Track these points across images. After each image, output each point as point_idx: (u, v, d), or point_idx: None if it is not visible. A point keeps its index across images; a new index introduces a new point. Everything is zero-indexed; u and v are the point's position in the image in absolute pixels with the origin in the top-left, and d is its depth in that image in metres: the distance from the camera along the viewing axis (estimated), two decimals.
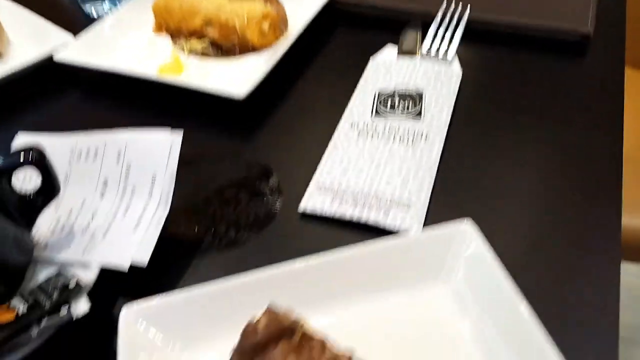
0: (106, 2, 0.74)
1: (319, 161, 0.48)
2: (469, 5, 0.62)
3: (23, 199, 0.38)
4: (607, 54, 0.59)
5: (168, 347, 0.33)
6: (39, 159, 0.37)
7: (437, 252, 0.36)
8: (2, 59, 0.65)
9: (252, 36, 0.61)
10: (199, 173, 0.48)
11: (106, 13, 0.74)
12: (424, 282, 0.36)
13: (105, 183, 0.43)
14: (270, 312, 0.30)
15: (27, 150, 0.36)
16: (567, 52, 0.59)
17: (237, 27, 0.61)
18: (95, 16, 0.74)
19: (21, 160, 0.36)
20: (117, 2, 0.74)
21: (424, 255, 0.36)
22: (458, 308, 0.35)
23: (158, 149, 0.42)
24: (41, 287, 0.36)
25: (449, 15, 0.61)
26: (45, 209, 0.39)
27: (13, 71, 0.59)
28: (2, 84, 0.59)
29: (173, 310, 0.34)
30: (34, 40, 0.66)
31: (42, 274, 0.39)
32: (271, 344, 0.28)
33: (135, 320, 0.33)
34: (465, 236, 0.36)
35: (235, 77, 0.59)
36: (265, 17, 0.61)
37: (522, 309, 0.32)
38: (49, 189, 0.38)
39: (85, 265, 0.38)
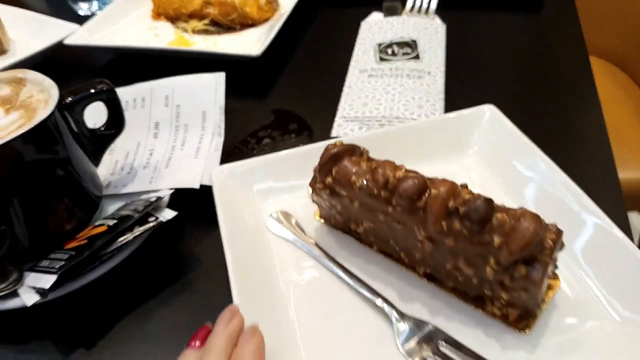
0: (95, 1, 0.78)
1: (337, 102, 0.54)
2: None
3: (93, 132, 0.41)
4: (561, 9, 0.69)
5: (251, 195, 0.42)
6: (108, 94, 0.40)
7: (466, 128, 0.44)
8: (6, 55, 0.67)
9: (252, 11, 0.67)
10: (234, 121, 0.53)
11: (96, 11, 0.77)
12: (457, 153, 0.43)
13: (156, 125, 0.47)
14: (343, 141, 0.37)
15: (97, 84, 0.40)
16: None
17: (237, 3, 0.66)
18: (87, 14, 0.77)
19: (92, 94, 0.39)
20: (106, 0, 0.78)
21: (456, 130, 0.44)
22: (489, 172, 0.42)
23: (205, 88, 0.46)
24: (124, 208, 0.40)
25: None
26: (112, 143, 0.42)
27: (24, 58, 0.62)
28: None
29: (253, 170, 0.43)
30: (38, 34, 0.68)
31: (110, 207, 0.42)
32: (345, 156, 0.35)
33: (225, 177, 0.42)
34: (487, 114, 0.44)
35: (244, 44, 0.64)
36: None
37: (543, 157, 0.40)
38: (117, 123, 0.42)
39: (155, 191, 0.42)
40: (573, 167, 0.40)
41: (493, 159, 0.43)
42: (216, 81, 0.46)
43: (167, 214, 0.38)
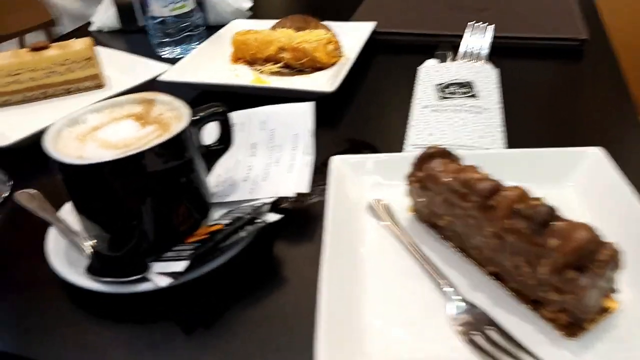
0: (179, 47, 0.88)
1: (402, 132, 0.60)
2: (493, 25, 0.79)
3: (207, 147, 0.48)
4: (601, 56, 0.76)
5: (357, 183, 0.49)
6: (224, 115, 0.47)
7: (567, 163, 0.48)
8: (103, 89, 0.76)
9: (321, 56, 0.75)
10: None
11: (178, 55, 0.87)
12: (554, 182, 0.47)
13: (253, 146, 0.54)
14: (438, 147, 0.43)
15: (216, 106, 0.47)
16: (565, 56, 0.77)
17: (308, 50, 0.75)
18: (173, 57, 0.87)
19: (213, 114, 0.46)
20: (190, 47, 0.87)
21: (556, 164, 0.48)
22: (581, 205, 0.46)
23: (296, 115, 0.53)
24: (232, 212, 0.46)
25: (476, 30, 0.77)
26: (221, 157, 0.49)
27: (121, 92, 0.70)
28: None
29: (363, 162, 0.51)
30: (131, 72, 0.77)
31: (216, 213, 0.48)
32: (438, 157, 0.41)
33: (340, 164, 0.50)
34: (590, 156, 0.48)
35: (315, 84, 0.72)
36: (329, 41, 0.76)
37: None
38: (227, 140, 0.48)
39: (254, 200, 0.48)
40: None
41: (589, 196, 0.46)
42: (306, 109, 0.53)
43: (272, 217, 0.44)
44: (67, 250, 0.45)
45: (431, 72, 0.71)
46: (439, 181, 0.40)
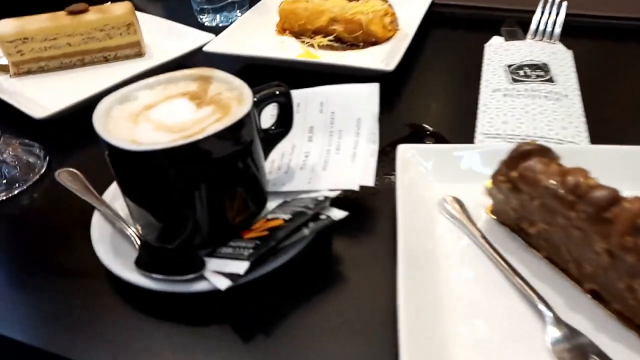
0: (219, 15, 0.82)
1: (471, 118, 0.55)
2: (565, 1, 0.71)
3: (266, 131, 0.43)
4: None
5: (428, 176, 0.45)
6: (286, 96, 0.42)
7: None
8: (143, 58, 0.72)
9: (377, 29, 0.69)
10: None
11: (219, 23, 0.82)
12: None
13: (311, 129, 0.49)
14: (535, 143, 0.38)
15: (277, 86, 0.42)
16: None
17: (363, 22, 0.69)
18: (211, 25, 0.82)
19: (275, 95, 0.42)
20: (232, 15, 0.82)
21: None
22: None
23: (359, 97, 0.48)
24: (291, 204, 0.41)
25: (548, 6, 0.70)
26: (279, 141, 0.44)
27: (164, 62, 0.66)
28: (158, 73, 0.65)
29: (435, 153, 0.46)
30: (172, 41, 0.73)
31: (271, 204, 0.44)
32: (536, 155, 0.36)
33: (409, 155, 0.46)
34: None
35: (369, 60, 0.66)
36: (386, 13, 0.70)
37: None
38: (287, 123, 0.44)
39: (313, 191, 0.43)
40: None
41: None
42: (370, 91, 0.48)
43: (337, 214, 0.39)
44: (113, 237, 0.42)
45: (500, 51, 0.65)
46: (539, 184, 0.35)
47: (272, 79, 0.42)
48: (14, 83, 0.67)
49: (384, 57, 0.67)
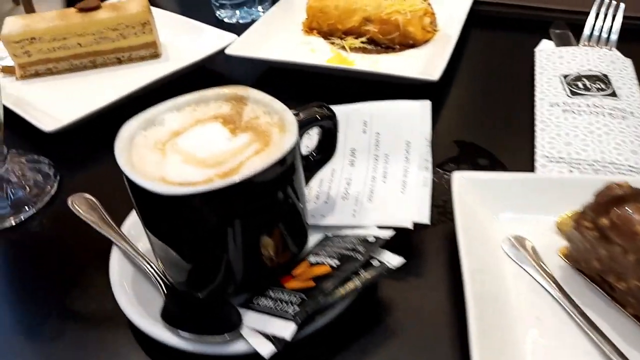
0: (239, 10, 0.77)
1: (525, 135, 0.49)
2: (622, 3, 0.65)
3: (306, 158, 0.38)
4: None
5: (487, 209, 0.40)
6: (330, 120, 0.37)
7: None
8: (159, 59, 0.66)
9: (415, 31, 0.63)
10: None
11: (238, 20, 0.76)
12: None
13: (353, 152, 0.44)
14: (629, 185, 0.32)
15: (320, 108, 0.37)
16: None
17: (400, 23, 0.63)
18: (230, 22, 0.76)
19: (318, 119, 0.36)
20: (252, 11, 0.76)
21: None
22: None
23: (408, 117, 0.43)
24: (337, 243, 0.36)
25: (603, 10, 0.64)
26: (321, 169, 0.39)
27: (185, 66, 0.60)
28: (177, 77, 0.60)
29: (496, 184, 0.41)
30: (189, 40, 0.67)
31: (311, 239, 0.39)
32: (631, 201, 0.31)
33: (465, 185, 0.40)
34: None
35: (407, 66, 0.61)
36: (425, 12, 0.64)
37: None
38: (330, 149, 0.39)
39: (359, 227, 0.38)
40: None
41: None
42: (421, 109, 0.43)
43: (392, 260, 0.34)
44: (135, 278, 0.37)
45: (553, 58, 0.59)
46: (637, 237, 0.29)
47: (298, 83, 0.37)
48: (20, 87, 0.62)
49: (424, 62, 0.61)
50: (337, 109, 0.45)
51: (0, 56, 0.65)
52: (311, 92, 0.59)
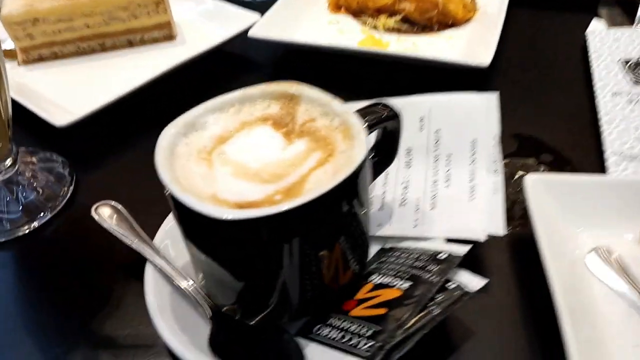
0: None
1: (587, 128, 0.45)
2: None
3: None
4: None
5: (568, 219, 0.35)
6: (395, 122, 0.32)
7: None
8: (175, 41, 0.61)
9: (456, 9, 0.58)
10: None
11: None
12: None
13: (409, 152, 0.39)
14: None
15: (383, 109, 0.32)
16: None
17: (439, 0, 0.58)
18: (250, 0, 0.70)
19: (382, 120, 0.32)
20: None
21: None
22: None
23: (472, 112, 0.38)
24: (401, 259, 0.32)
25: None
26: (381, 174, 0.35)
27: (206, 50, 0.55)
28: (196, 60, 0.55)
29: (578, 188, 0.36)
30: (205, 18, 0.62)
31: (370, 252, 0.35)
32: None
33: (542, 191, 0.36)
34: None
35: (449, 48, 0.56)
36: None
37: None
38: (391, 152, 0.34)
39: (423, 239, 0.34)
40: None
41: None
42: (487, 103, 0.38)
43: (473, 282, 0.30)
44: (173, 298, 0.32)
45: (607, 42, 0.54)
46: None
47: (326, 66, 0.32)
48: (23, 73, 0.56)
49: (467, 45, 0.56)
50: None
51: None
52: (338, 77, 0.54)
